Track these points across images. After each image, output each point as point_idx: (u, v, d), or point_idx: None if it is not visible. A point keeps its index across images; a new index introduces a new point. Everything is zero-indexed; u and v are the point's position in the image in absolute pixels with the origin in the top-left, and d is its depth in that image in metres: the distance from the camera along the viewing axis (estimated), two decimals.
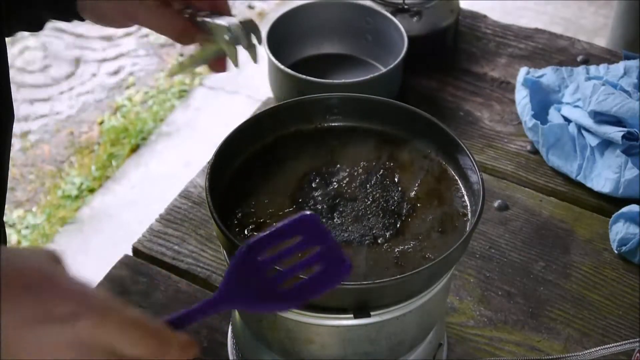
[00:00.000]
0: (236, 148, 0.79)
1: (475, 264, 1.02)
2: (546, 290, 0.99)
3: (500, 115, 1.24)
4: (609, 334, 0.95)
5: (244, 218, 0.75)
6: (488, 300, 0.98)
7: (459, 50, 1.36)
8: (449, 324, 0.95)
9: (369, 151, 0.82)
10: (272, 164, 0.81)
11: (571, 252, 1.04)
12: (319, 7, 1.26)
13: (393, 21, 1.21)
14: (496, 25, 1.41)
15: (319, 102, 0.84)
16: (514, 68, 1.31)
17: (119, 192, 2.29)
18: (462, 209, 0.77)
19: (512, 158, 1.17)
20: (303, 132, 0.84)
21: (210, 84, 2.67)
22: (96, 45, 2.84)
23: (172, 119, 2.55)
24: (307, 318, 0.71)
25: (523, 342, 0.94)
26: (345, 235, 0.74)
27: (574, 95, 1.17)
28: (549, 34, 1.39)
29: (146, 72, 2.76)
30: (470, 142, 1.19)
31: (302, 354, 0.76)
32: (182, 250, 1.03)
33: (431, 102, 1.26)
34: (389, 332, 0.74)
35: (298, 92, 1.11)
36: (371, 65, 1.26)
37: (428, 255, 0.73)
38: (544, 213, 1.09)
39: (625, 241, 1.02)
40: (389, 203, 0.77)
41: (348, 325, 0.72)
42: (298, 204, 0.77)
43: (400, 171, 0.81)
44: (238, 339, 0.87)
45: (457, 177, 0.80)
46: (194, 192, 1.11)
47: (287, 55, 1.22)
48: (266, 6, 3.04)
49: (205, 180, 0.73)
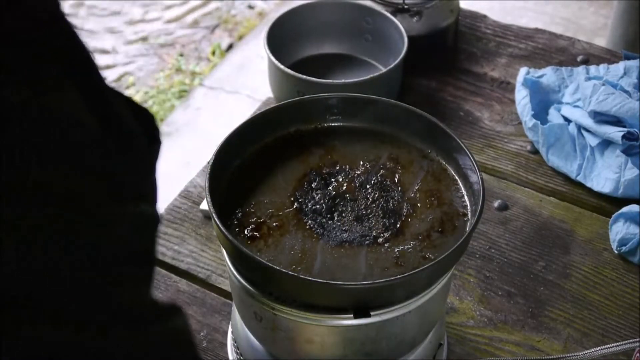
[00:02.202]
0: (236, 148, 0.79)
1: (475, 264, 1.02)
2: (546, 290, 0.99)
3: (500, 115, 1.24)
4: (609, 334, 0.95)
5: (244, 218, 0.75)
6: (488, 300, 0.98)
7: (459, 50, 1.36)
8: (449, 324, 0.95)
9: (369, 151, 0.82)
10: (272, 164, 0.81)
11: (571, 252, 1.04)
12: (319, 7, 1.26)
13: (393, 21, 1.21)
14: (496, 25, 1.41)
15: (319, 102, 0.84)
16: (514, 68, 1.31)
17: None
18: (462, 209, 0.77)
19: (512, 158, 1.17)
20: (303, 132, 0.84)
21: (210, 84, 2.67)
22: (95, 44, 2.84)
23: (172, 119, 2.55)
24: (307, 318, 0.71)
25: (523, 342, 0.94)
26: (345, 235, 0.74)
27: (574, 95, 1.17)
28: (549, 34, 1.39)
29: (146, 72, 2.76)
30: (470, 142, 1.19)
31: (302, 354, 0.76)
32: (182, 250, 1.03)
33: (431, 102, 1.26)
34: (389, 332, 0.74)
35: (298, 92, 1.11)
36: (371, 65, 1.26)
37: (428, 255, 0.73)
38: (544, 213, 1.09)
39: (625, 241, 1.02)
40: (389, 203, 0.77)
41: (348, 325, 0.72)
42: (298, 204, 0.77)
43: (400, 171, 0.81)
44: (238, 339, 0.87)
45: (457, 177, 0.80)
46: (194, 192, 1.11)
47: (287, 55, 1.22)
48: (266, 6, 3.04)
49: (205, 180, 0.73)
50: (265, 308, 0.72)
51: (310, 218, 0.76)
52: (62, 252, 0.40)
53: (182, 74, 2.74)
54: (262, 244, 0.73)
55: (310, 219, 0.75)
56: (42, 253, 0.39)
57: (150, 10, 3.02)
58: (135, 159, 0.48)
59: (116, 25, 2.94)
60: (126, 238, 0.44)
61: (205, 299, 0.98)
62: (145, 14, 3.00)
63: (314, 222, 0.75)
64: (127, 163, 0.46)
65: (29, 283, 0.39)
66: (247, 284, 0.73)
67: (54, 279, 0.40)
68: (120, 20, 2.97)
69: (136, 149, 0.48)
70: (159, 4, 3.04)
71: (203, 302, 0.97)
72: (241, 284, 0.73)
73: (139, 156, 0.49)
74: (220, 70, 2.73)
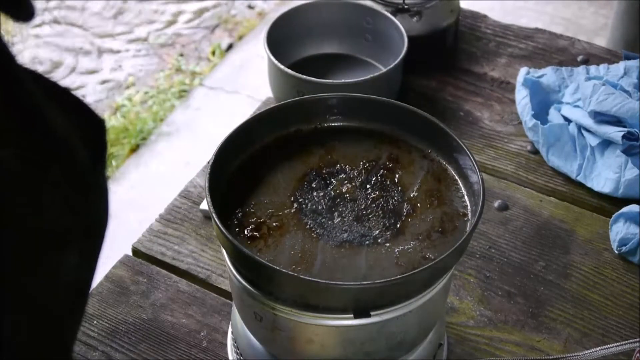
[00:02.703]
0: (236, 148, 0.79)
1: (475, 264, 1.02)
2: (546, 290, 0.99)
3: (500, 115, 1.24)
4: (609, 334, 0.95)
5: (244, 218, 0.75)
6: (488, 300, 0.98)
7: (459, 50, 1.36)
8: (449, 324, 0.95)
9: (369, 151, 0.82)
10: (272, 164, 0.81)
11: (571, 252, 1.04)
12: (319, 7, 1.26)
13: (393, 21, 1.21)
14: (496, 25, 1.41)
15: (319, 102, 0.84)
16: (514, 68, 1.31)
17: (118, 192, 2.29)
18: (462, 209, 0.77)
19: (512, 158, 1.17)
20: (303, 132, 0.84)
21: (210, 84, 2.67)
22: (95, 44, 2.84)
23: (172, 119, 2.55)
24: (307, 318, 0.71)
25: (523, 342, 0.94)
26: (345, 235, 0.74)
27: (574, 95, 1.17)
28: (549, 34, 1.39)
29: (146, 72, 2.76)
30: (470, 142, 1.19)
31: (302, 354, 0.76)
32: (182, 250, 1.03)
33: (431, 102, 1.26)
34: (389, 332, 0.74)
35: (298, 92, 1.11)
36: (371, 65, 1.26)
37: (428, 255, 0.73)
38: (544, 213, 1.09)
39: (625, 241, 1.02)
40: (389, 203, 0.77)
41: (348, 325, 0.72)
42: (298, 204, 0.77)
43: (400, 171, 0.81)
44: (238, 339, 0.87)
45: (457, 177, 0.80)
46: (194, 192, 1.11)
47: (287, 55, 1.22)
48: (266, 6, 3.04)
49: (205, 180, 0.73)
50: (265, 308, 0.72)
51: (310, 218, 0.76)
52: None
53: (182, 74, 2.74)
54: (262, 244, 0.73)
55: (310, 219, 0.75)
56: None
57: (150, 10, 3.02)
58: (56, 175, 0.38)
59: (116, 25, 2.94)
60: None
61: (205, 299, 0.98)
62: (146, 14, 3.00)
63: (314, 222, 0.75)
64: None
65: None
66: (247, 284, 0.73)
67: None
68: (120, 20, 2.97)
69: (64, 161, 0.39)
70: (159, 4, 3.04)
71: (203, 302, 0.97)
72: (241, 284, 0.73)
73: (74, 171, 0.39)
74: (220, 70, 2.73)
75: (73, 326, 0.41)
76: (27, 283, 0.36)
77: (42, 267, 0.36)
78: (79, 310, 0.42)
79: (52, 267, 0.37)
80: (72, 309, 0.40)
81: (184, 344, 0.93)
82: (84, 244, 0.40)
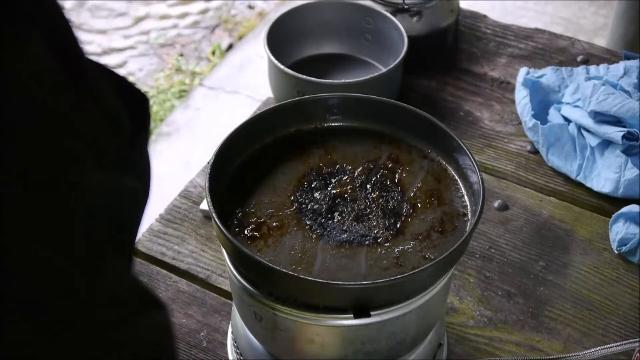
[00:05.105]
0: (236, 148, 0.79)
1: (475, 264, 1.02)
2: (546, 290, 0.99)
3: (500, 115, 1.24)
4: (609, 334, 0.95)
5: (244, 218, 0.75)
6: (488, 300, 0.98)
7: (459, 50, 1.36)
8: (449, 324, 0.95)
9: (369, 151, 0.82)
10: (272, 164, 0.81)
11: (571, 252, 1.04)
12: (319, 7, 1.26)
13: (393, 21, 1.21)
14: (496, 25, 1.41)
15: (319, 102, 0.84)
16: (514, 68, 1.31)
17: None
18: (462, 209, 0.77)
19: (512, 158, 1.17)
20: (303, 132, 0.84)
21: (210, 84, 2.67)
22: (96, 44, 2.84)
23: (172, 119, 2.55)
24: (307, 318, 0.71)
25: (523, 342, 0.94)
26: (345, 235, 0.74)
27: (574, 95, 1.17)
28: (549, 34, 1.39)
29: (146, 72, 2.76)
30: (470, 142, 1.19)
31: (302, 354, 0.76)
32: (182, 250, 1.03)
33: (431, 102, 1.26)
34: (389, 332, 0.74)
35: (298, 92, 1.11)
36: (371, 65, 1.26)
37: (428, 255, 0.73)
38: (544, 213, 1.09)
39: (625, 241, 1.02)
40: (389, 203, 0.77)
41: (348, 325, 0.72)
42: (298, 204, 0.77)
43: (400, 171, 0.81)
44: (238, 339, 0.87)
45: (457, 177, 0.80)
46: (194, 192, 1.11)
47: (287, 55, 1.22)
48: (266, 6, 3.04)
49: (205, 180, 0.73)
50: (265, 308, 0.72)
51: (310, 218, 0.76)
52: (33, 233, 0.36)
53: (182, 74, 2.74)
54: (262, 244, 0.73)
55: (310, 219, 0.75)
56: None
57: (150, 10, 3.02)
58: (117, 130, 0.43)
59: (116, 25, 2.94)
60: (105, 210, 0.40)
61: (205, 299, 0.98)
62: (145, 14, 3.00)
63: (314, 222, 0.75)
64: (106, 130, 0.42)
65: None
66: (247, 284, 0.73)
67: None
68: (120, 20, 2.97)
69: (118, 124, 0.44)
70: (159, 4, 3.04)
71: (203, 302, 0.97)
72: (241, 284, 0.73)
73: (121, 129, 0.44)
74: (220, 70, 2.73)
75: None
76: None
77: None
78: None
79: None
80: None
81: (184, 344, 0.93)
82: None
